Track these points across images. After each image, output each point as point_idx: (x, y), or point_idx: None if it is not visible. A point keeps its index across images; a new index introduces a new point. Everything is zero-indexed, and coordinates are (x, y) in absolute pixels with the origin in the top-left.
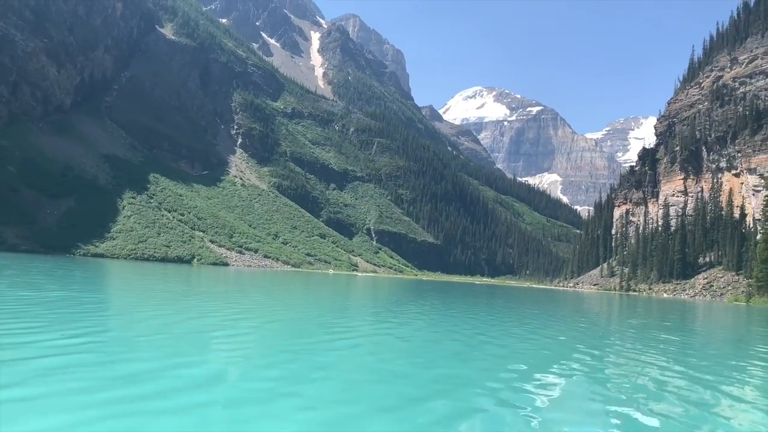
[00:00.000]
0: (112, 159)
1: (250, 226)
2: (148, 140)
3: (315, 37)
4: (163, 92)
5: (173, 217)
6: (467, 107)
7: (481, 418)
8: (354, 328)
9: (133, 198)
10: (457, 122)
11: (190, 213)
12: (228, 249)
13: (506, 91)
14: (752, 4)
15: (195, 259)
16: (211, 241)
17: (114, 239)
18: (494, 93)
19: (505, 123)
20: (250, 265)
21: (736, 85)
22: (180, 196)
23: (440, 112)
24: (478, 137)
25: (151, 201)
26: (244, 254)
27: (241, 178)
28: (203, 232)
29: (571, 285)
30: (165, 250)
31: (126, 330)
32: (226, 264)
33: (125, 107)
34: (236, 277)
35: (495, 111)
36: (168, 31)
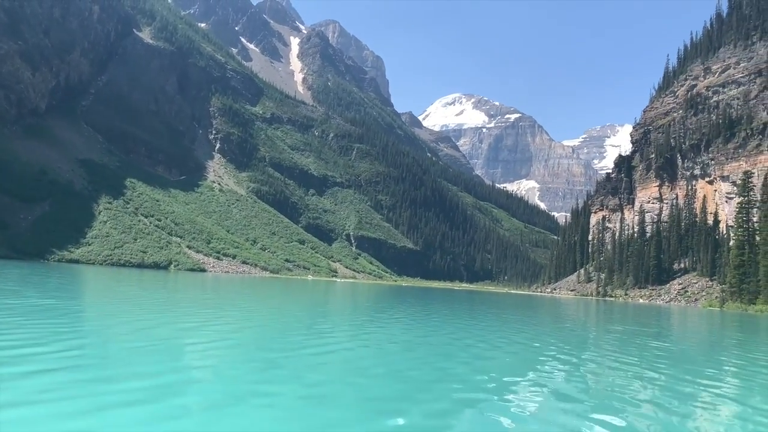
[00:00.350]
0: (89, 163)
1: (228, 231)
2: (125, 145)
3: (294, 43)
4: (140, 96)
5: (150, 223)
6: (446, 114)
7: (460, 421)
8: (331, 336)
9: (110, 203)
10: (437, 129)
11: (167, 218)
12: (205, 255)
13: (485, 99)
14: (725, 15)
15: (172, 265)
16: (189, 247)
17: (89, 245)
18: (473, 100)
19: (484, 130)
20: (228, 271)
21: (710, 94)
22: (157, 201)
23: (420, 118)
24: (457, 144)
25: (128, 206)
26: (221, 260)
27: (219, 184)
28: (180, 237)
29: (549, 290)
30: (142, 256)
31: (95, 338)
32: (203, 270)
33: (102, 111)
34: (213, 283)
35: (474, 118)
36: (146, 34)
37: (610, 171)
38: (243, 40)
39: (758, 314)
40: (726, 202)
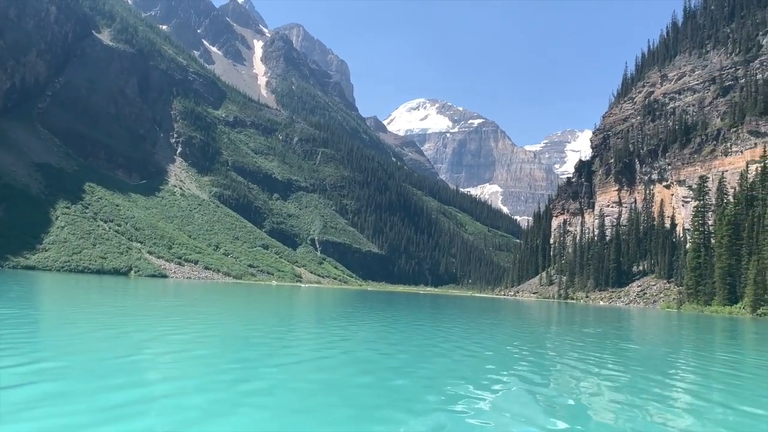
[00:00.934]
0: (45, 167)
1: (190, 236)
2: (83, 148)
3: (258, 46)
4: (99, 99)
5: (109, 228)
6: (411, 119)
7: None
8: (293, 344)
9: (67, 208)
10: (401, 133)
11: (127, 223)
12: (167, 260)
13: (449, 104)
14: (680, 24)
15: (132, 271)
16: (150, 253)
17: (46, 251)
18: (437, 105)
19: (448, 135)
20: (190, 277)
21: (667, 100)
22: (117, 206)
23: (384, 123)
24: (422, 148)
25: (87, 211)
26: (183, 266)
27: (180, 188)
28: (141, 243)
29: (512, 293)
30: (101, 262)
31: (56, 350)
32: (165, 276)
33: (59, 114)
34: (175, 289)
35: (438, 123)
36: (105, 36)
37: (571, 176)
38: (205, 42)
39: (714, 315)
40: (682, 205)
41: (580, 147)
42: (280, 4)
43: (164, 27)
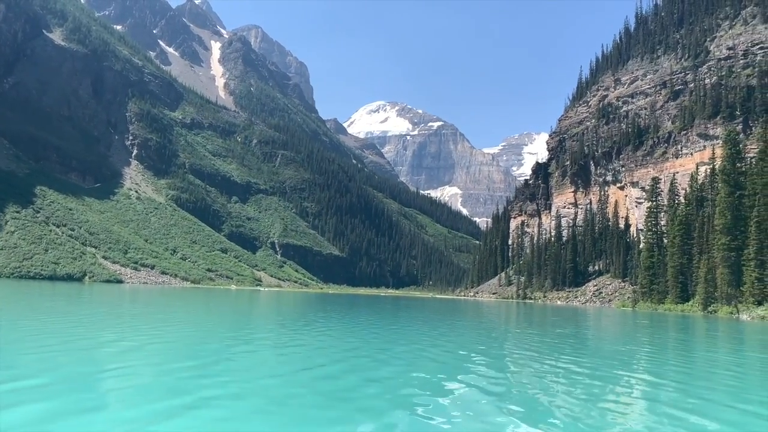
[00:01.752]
0: None
1: (146, 241)
2: (34, 151)
3: (216, 47)
4: (51, 100)
5: (62, 233)
6: (371, 121)
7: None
8: (250, 351)
9: (17, 212)
10: (362, 136)
11: (81, 228)
12: (122, 265)
13: (408, 106)
14: (633, 29)
15: (87, 277)
16: (104, 258)
17: None
18: (397, 108)
19: (408, 137)
20: (147, 282)
21: (620, 104)
22: (70, 210)
23: (345, 125)
24: (382, 151)
25: (38, 215)
26: (139, 271)
27: (136, 191)
28: (95, 247)
29: (472, 294)
30: (53, 268)
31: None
32: (120, 281)
33: (8, 116)
34: (131, 295)
35: (398, 125)
36: (57, 36)
37: (528, 177)
38: (162, 43)
39: (667, 313)
40: (636, 206)
41: (537, 149)
42: (238, 5)
43: (119, 27)
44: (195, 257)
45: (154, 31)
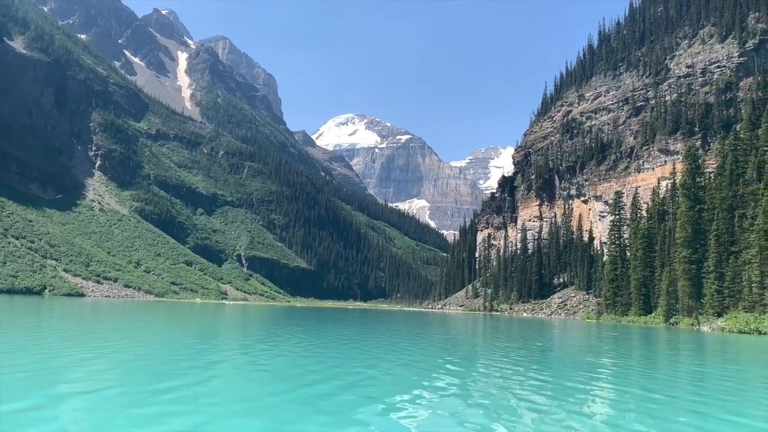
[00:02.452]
0: None
1: (109, 253)
2: None
3: (182, 58)
4: (11, 109)
5: (21, 245)
6: (340, 133)
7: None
8: (213, 367)
9: None
10: (330, 148)
11: (41, 240)
12: (84, 278)
13: (377, 119)
14: (596, 46)
15: (47, 290)
16: (66, 270)
17: None
18: (365, 120)
19: (377, 150)
20: (109, 296)
21: (584, 119)
22: (30, 221)
23: (313, 137)
24: (351, 163)
25: None
26: (102, 284)
27: (99, 203)
28: (56, 260)
29: (440, 306)
30: (11, 281)
31: None
32: (82, 295)
33: None
34: (92, 309)
35: (366, 138)
36: (18, 44)
37: (495, 191)
38: (127, 53)
39: (630, 325)
40: (599, 220)
41: (503, 163)
42: (206, 16)
43: (83, 36)
44: (159, 270)
45: (120, 41)
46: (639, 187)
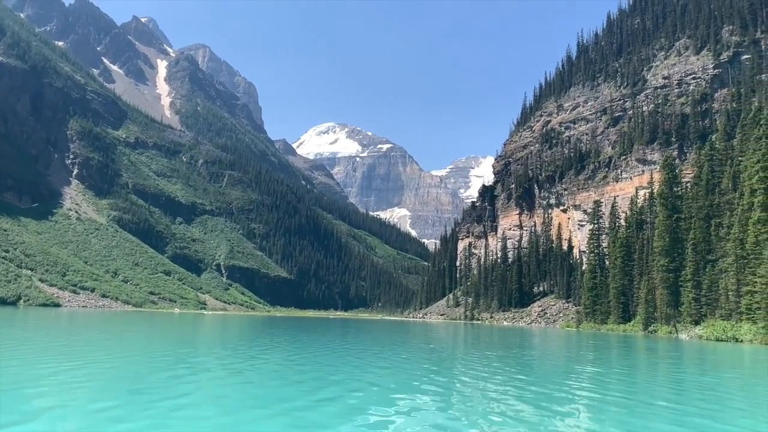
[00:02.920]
0: None
1: (86, 263)
2: None
3: (162, 66)
4: None
5: None
6: (320, 142)
7: None
8: (192, 381)
9: None
10: (311, 157)
11: (16, 249)
12: (60, 288)
13: (358, 128)
14: (574, 57)
15: (21, 301)
16: (41, 280)
17: None
18: (347, 129)
19: (358, 159)
20: (86, 306)
21: (563, 129)
22: (4, 230)
23: (294, 146)
24: (332, 172)
25: None
26: (78, 294)
27: (76, 212)
28: (32, 270)
29: (421, 315)
30: None
31: None
32: (58, 305)
33: None
34: (67, 320)
35: (347, 147)
36: None
37: (475, 200)
38: (105, 61)
39: (610, 333)
40: (578, 229)
41: (484, 172)
42: (186, 24)
43: (61, 44)
44: (137, 280)
45: (98, 49)
46: (617, 196)
